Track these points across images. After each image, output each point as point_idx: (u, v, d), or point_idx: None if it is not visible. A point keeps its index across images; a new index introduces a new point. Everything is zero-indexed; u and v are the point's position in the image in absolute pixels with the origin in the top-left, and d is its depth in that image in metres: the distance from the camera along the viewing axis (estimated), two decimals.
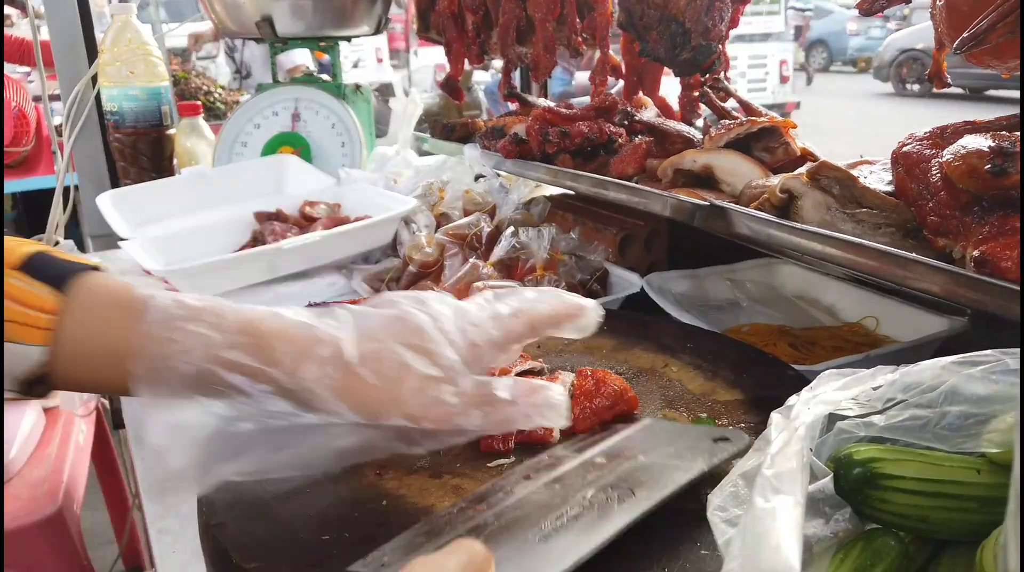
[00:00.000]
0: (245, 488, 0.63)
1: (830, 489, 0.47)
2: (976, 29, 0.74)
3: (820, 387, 0.49)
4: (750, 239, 0.95)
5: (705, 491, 0.61)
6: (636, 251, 1.38)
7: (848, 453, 0.48)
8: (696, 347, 0.88)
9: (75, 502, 1.47)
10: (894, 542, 0.47)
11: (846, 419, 0.49)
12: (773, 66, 9.56)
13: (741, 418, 0.73)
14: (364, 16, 1.84)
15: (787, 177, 0.93)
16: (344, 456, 0.57)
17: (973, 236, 0.70)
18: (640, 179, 1.21)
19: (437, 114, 2.58)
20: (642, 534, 0.56)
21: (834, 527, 0.47)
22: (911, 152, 0.83)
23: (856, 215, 0.85)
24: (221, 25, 1.86)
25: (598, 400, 0.71)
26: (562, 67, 1.67)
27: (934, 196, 0.77)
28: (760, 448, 0.44)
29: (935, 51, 0.94)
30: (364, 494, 0.63)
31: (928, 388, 0.49)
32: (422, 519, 0.58)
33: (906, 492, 0.47)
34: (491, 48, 1.70)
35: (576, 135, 1.28)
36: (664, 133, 1.23)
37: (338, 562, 0.54)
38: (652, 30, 1.32)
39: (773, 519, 0.35)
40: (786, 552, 0.33)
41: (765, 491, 0.38)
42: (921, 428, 0.49)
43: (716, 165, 1.08)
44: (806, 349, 1.06)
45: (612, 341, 0.91)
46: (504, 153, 1.42)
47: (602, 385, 0.72)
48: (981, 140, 0.71)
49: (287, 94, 1.79)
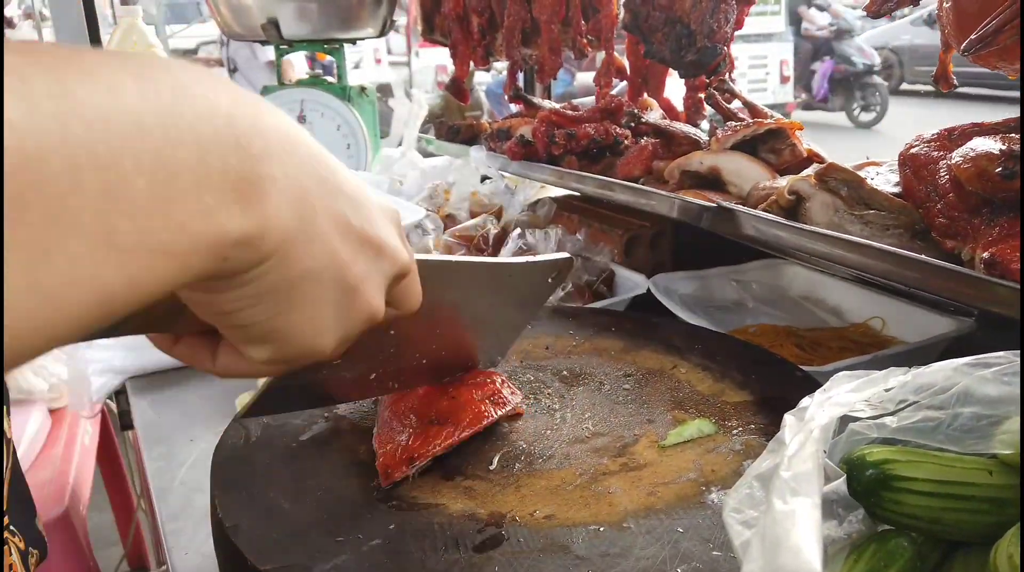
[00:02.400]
0: (258, 490, 0.64)
1: (843, 491, 0.47)
2: (984, 31, 0.74)
3: (833, 389, 0.50)
4: (758, 241, 0.95)
5: (712, 492, 0.62)
6: (642, 252, 1.39)
7: (861, 455, 0.48)
8: (704, 348, 0.89)
9: (81, 503, 1.48)
10: (907, 543, 0.47)
11: (859, 421, 0.50)
12: (774, 66, 9.58)
13: (751, 419, 0.74)
14: (369, 18, 1.85)
15: (795, 179, 0.93)
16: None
17: (982, 238, 0.70)
18: (646, 181, 1.22)
19: (439, 115, 2.59)
20: (653, 536, 0.57)
21: (847, 528, 0.47)
22: (919, 154, 0.84)
23: (864, 217, 0.85)
24: (227, 27, 1.86)
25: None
26: (564, 68, 1.67)
27: (943, 198, 0.77)
28: (775, 450, 0.45)
29: (941, 53, 0.95)
30: (376, 496, 0.63)
31: (940, 390, 0.49)
32: (435, 520, 0.59)
33: (919, 493, 0.47)
34: (496, 50, 1.71)
35: (582, 137, 1.28)
36: (670, 135, 1.24)
37: (352, 563, 0.55)
38: (657, 32, 1.32)
39: (792, 521, 0.36)
40: (807, 554, 0.33)
41: (783, 493, 0.38)
42: (933, 430, 0.49)
43: (723, 167, 1.09)
44: (812, 350, 1.06)
45: (620, 342, 0.92)
46: (510, 155, 1.43)
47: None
48: (990, 143, 0.71)
49: (292, 96, 1.79)
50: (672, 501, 0.61)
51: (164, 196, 0.29)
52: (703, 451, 0.69)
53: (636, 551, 0.55)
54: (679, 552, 0.55)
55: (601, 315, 1.03)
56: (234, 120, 0.32)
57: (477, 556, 0.55)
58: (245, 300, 0.36)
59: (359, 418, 0.75)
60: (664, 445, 0.70)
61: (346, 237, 0.38)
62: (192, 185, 0.30)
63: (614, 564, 0.54)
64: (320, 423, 0.74)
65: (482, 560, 0.55)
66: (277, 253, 0.34)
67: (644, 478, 0.65)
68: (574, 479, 0.65)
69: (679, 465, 0.67)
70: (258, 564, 0.55)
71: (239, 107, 0.33)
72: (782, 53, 9.60)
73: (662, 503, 0.61)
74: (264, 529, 0.59)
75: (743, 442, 0.70)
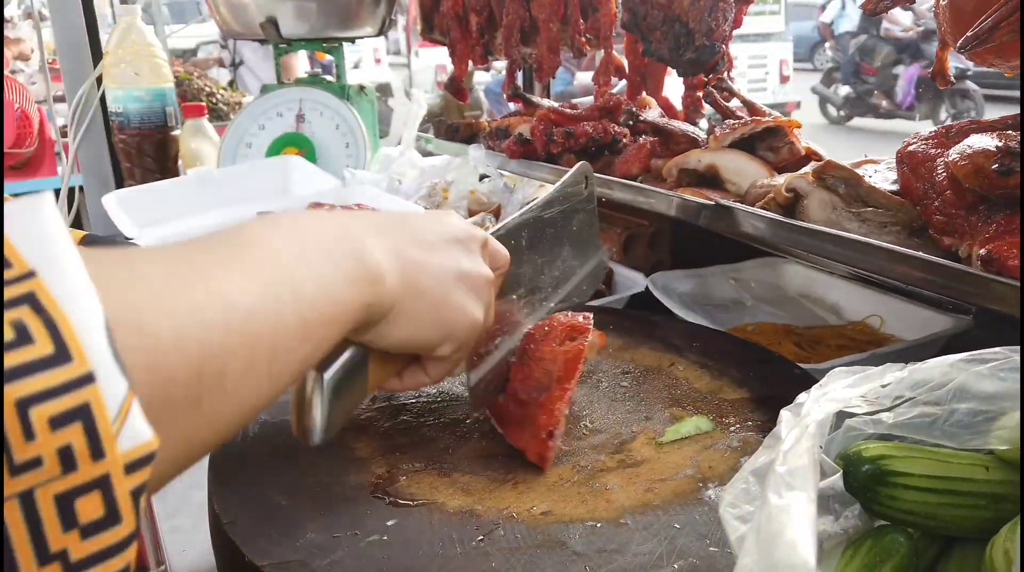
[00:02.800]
0: (256, 486, 0.64)
1: (839, 486, 0.47)
2: (980, 28, 0.74)
3: (830, 384, 0.50)
4: (756, 238, 0.95)
5: (709, 489, 0.62)
6: (640, 250, 1.39)
7: (857, 450, 0.48)
8: (702, 346, 0.89)
9: None
10: (903, 539, 0.47)
11: (855, 416, 0.50)
12: (773, 66, 9.56)
13: (748, 416, 0.74)
14: (368, 17, 1.85)
15: (793, 176, 0.93)
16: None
17: (979, 235, 0.70)
18: (645, 179, 1.22)
19: (439, 114, 2.59)
20: (650, 532, 0.57)
21: (843, 524, 0.47)
22: (916, 151, 0.84)
23: (862, 214, 0.86)
24: (226, 26, 1.86)
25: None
26: (564, 67, 1.67)
27: (940, 195, 0.77)
28: (771, 445, 0.45)
29: (938, 50, 0.95)
30: (374, 492, 0.63)
31: (936, 385, 0.49)
32: (432, 516, 0.59)
33: (915, 489, 0.47)
34: (495, 49, 1.71)
35: (581, 135, 1.28)
36: (669, 133, 1.24)
37: (349, 560, 0.55)
38: (656, 30, 1.32)
39: (788, 516, 0.36)
40: (801, 548, 0.33)
41: (779, 488, 0.38)
42: (930, 425, 0.49)
43: (721, 165, 1.09)
44: (811, 348, 1.06)
45: (618, 340, 0.92)
46: (509, 153, 1.43)
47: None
48: (987, 140, 0.71)
49: (291, 95, 1.79)
50: (669, 497, 0.61)
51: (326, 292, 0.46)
52: (700, 448, 0.69)
53: (633, 547, 0.55)
54: (676, 548, 0.55)
55: (599, 313, 1.02)
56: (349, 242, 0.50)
57: (474, 552, 0.55)
58: (407, 324, 0.54)
59: (357, 415, 0.75)
60: (661, 442, 0.70)
61: (434, 248, 0.56)
62: (344, 284, 0.47)
63: (611, 560, 0.54)
64: None
65: (479, 556, 0.55)
66: (404, 290, 0.53)
67: (641, 475, 0.65)
68: (571, 476, 0.65)
69: (676, 462, 0.67)
70: (255, 560, 0.55)
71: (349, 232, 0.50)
72: (782, 52, 9.58)
73: (659, 499, 0.61)
74: (262, 525, 0.59)
75: (741, 439, 0.70)
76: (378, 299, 0.50)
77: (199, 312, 0.34)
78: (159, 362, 0.31)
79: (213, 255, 0.39)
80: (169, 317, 0.32)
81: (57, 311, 0.26)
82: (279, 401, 0.77)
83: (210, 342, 0.34)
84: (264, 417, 0.74)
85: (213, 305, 0.35)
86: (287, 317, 0.40)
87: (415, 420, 0.75)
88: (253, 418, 0.41)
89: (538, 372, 0.69)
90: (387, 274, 0.50)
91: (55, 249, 0.28)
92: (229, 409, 0.36)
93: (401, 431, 0.73)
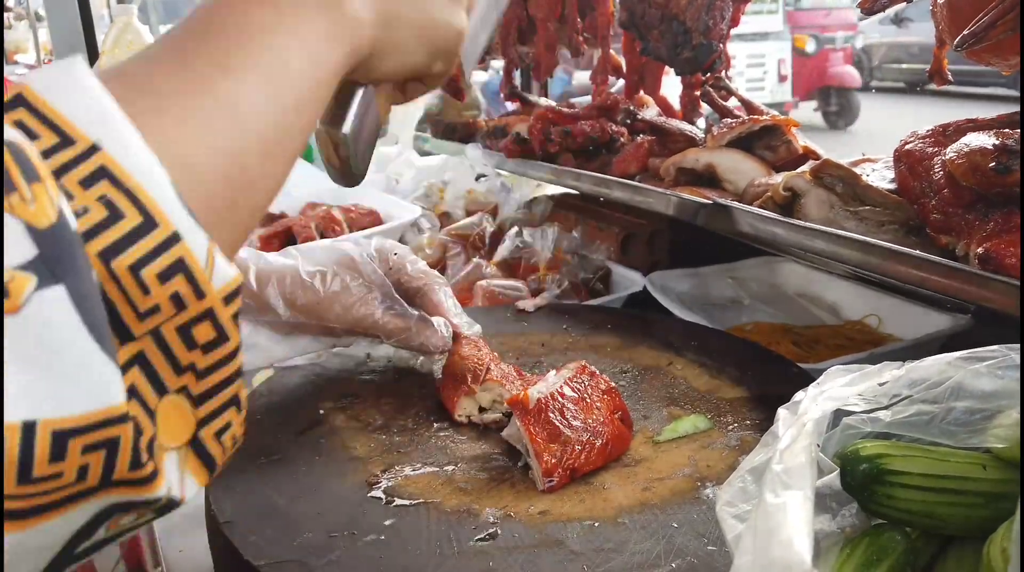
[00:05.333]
0: (253, 486, 0.64)
1: (837, 485, 0.47)
2: (977, 26, 0.74)
3: (827, 383, 0.50)
4: (753, 237, 0.95)
5: (707, 487, 0.62)
6: (638, 250, 1.38)
7: (855, 449, 0.48)
8: (700, 345, 0.89)
9: None
10: (900, 537, 0.47)
11: (852, 415, 0.50)
12: (771, 65, 9.55)
13: (746, 415, 0.74)
14: None
15: (790, 175, 0.93)
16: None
17: (977, 233, 0.70)
18: (642, 178, 1.22)
19: (437, 114, 2.59)
20: (648, 531, 0.57)
21: (841, 522, 0.47)
22: (913, 150, 0.84)
23: (859, 213, 0.86)
24: None
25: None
26: (562, 67, 1.67)
27: (937, 194, 0.77)
28: (768, 443, 0.45)
29: (936, 48, 0.95)
30: (371, 492, 0.63)
31: (934, 384, 0.49)
32: (430, 516, 0.59)
33: (912, 488, 0.47)
34: (492, 48, 1.71)
35: (578, 134, 1.28)
36: (666, 132, 1.24)
37: (347, 559, 0.55)
38: (653, 29, 1.32)
39: (784, 514, 0.36)
40: (797, 546, 0.33)
41: (775, 486, 0.38)
42: (927, 424, 0.49)
43: (719, 164, 1.09)
44: (809, 347, 1.06)
45: (616, 339, 0.92)
46: (507, 153, 1.43)
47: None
48: (984, 138, 0.71)
49: None
50: (667, 496, 0.61)
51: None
52: (698, 447, 0.69)
53: (631, 546, 0.55)
54: (673, 547, 0.55)
55: (597, 312, 1.03)
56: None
57: (472, 552, 0.55)
58: (395, 55, 0.53)
59: (355, 415, 0.75)
60: (659, 441, 0.70)
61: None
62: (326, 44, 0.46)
63: (609, 559, 0.54)
64: (315, 420, 0.74)
65: (477, 556, 0.55)
66: (384, 26, 0.51)
67: (639, 474, 0.65)
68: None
69: (674, 461, 0.67)
70: (252, 560, 0.55)
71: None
72: (780, 52, 9.56)
73: (657, 498, 0.61)
74: (259, 526, 0.59)
75: (738, 438, 0.70)
76: (360, 42, 0.49)
77: (219, 129, 0.38)
78: (207, 191, 0.36)
79: (211, 56, 0.41)
80: (202, 145, 0.37)
81: (132, 182, 0.31)
82: (266, 400, 0.77)
83: (230, 150, 0.38)
84: (260, 417, 0.74)
85: (223, 115, 0.39)
86: (286, 99, 0.42)
87: (413, 420, 0.75)
88: (282, 186, 0.43)
89: (602, 420, 0.67)
90: (363, 14, 0.49)
91: (108, 117, 0.31)
92: (257, 195, 0.41)
93: (398, 431, 0.73)
